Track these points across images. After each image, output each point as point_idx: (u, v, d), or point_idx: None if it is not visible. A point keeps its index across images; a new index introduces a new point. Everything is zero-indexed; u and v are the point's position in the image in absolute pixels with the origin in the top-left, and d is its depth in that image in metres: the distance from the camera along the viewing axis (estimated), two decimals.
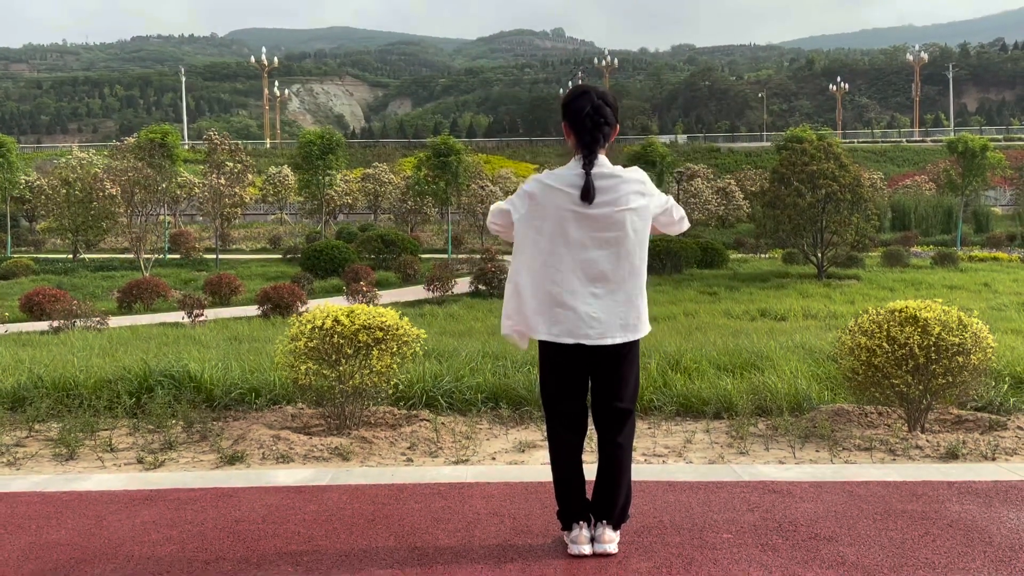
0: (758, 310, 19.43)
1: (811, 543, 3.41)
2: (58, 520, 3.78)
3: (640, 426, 5.76)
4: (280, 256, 34.24)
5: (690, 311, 19.50)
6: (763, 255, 35.05)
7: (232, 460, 4.80)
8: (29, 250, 38.40)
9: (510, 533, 3.57)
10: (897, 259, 28.95)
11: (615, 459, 3.33)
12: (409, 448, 5.08)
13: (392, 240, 30.50)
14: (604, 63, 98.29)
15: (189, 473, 4.61)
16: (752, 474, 4.46)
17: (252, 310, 19.51)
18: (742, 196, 44.83)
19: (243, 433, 5.24)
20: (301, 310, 19.24)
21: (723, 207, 43.20)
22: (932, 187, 49.66)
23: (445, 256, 33.87)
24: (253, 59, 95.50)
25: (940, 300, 5.57)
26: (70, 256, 33.80)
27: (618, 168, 3.23)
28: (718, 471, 4.55)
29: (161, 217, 38.91)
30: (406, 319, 5.57)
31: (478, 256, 30.84)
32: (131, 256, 31.99)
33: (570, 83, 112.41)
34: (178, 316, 18.05)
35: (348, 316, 5.38)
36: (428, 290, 22.50)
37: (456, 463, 4.82)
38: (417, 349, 5.58)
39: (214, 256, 33.02)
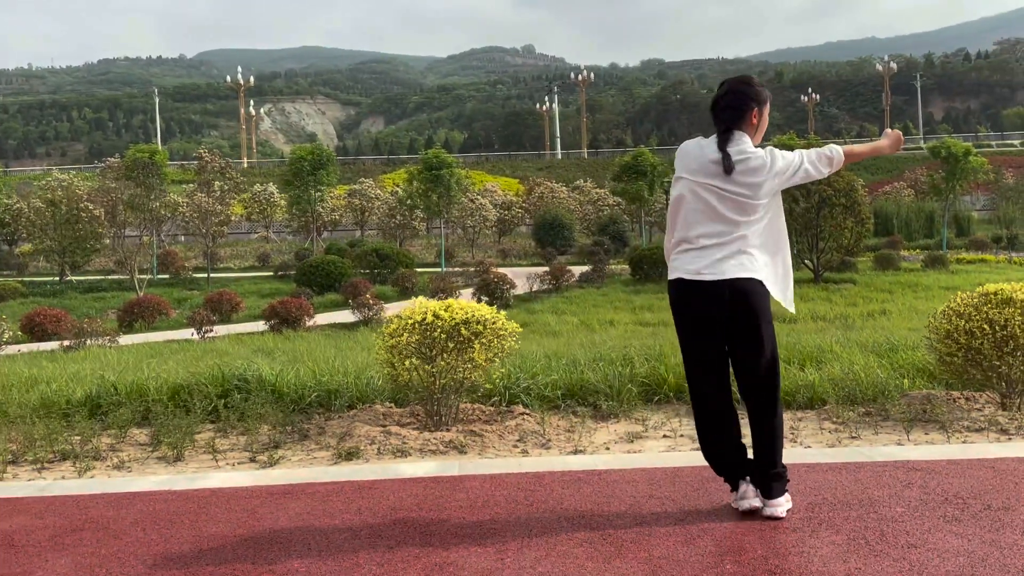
0: None
1: (990, 513, 3.40)
2: (208, 514, 3.67)
3: None
4: (271, 273, 33.91)
5: None
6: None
7: (349, 456, 4.71)
8: (12, 273, 37.70)
9: (678, 513, 3.52)
10: (889, 262, 29.29)
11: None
12: (519, 440, 5.02)
13: (387, 254, 30.33)
14: (580, 77, 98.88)
15: (310, 469, 4.51)
16: (882, 455, 4.45)
17: (258, 326, 19.31)
18: None
19: (346, 431, 5.14)
20: (309, 324, 19.09)
21: None
22: (911, 193, 50.42)
23: (438, 270, 33.74)
24: (228, 79, 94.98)
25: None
26: (57, 278, 33.23)
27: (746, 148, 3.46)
28: (845, 453, 4.54)
29: (146, 238, 38.46)
30: (502, 312, 5.52)
31: (472, 269, 30.76)
32: (119, 277, 31.52)
33: (546, 98, 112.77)
34: (185, 333, 17.79)
35: (446, 310, 5.33)
36: None
37: (574, 453, 4.76)
38: (513, 343, 5.53)
39: (204, 275, 32.63)
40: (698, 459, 4.46)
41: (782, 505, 3.43)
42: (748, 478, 3.48)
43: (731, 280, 3.36)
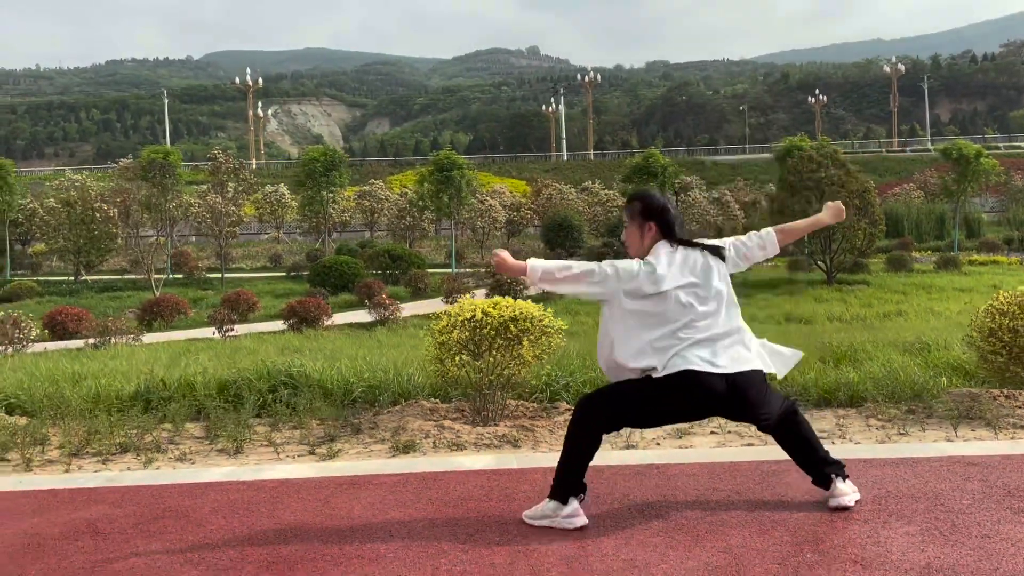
0: (783, 315, 19.60)
1: None
2: (283, 504, 3.75)
3: None
4: (284, 273, 34.05)
5: None
6: (767, 263, 35.33)
7: (406, 449, 4.79)
8: (27, 273, 37.90)
9: (745, 505, 3.59)
10: (901, 264, 29.32)
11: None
12: None
13: (399, 255, 30.45)
14: (587, 79, 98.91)
15: (371, 461, 4.59)
16: (935, 451, 4.51)
17: (276, 325, 19.42)
18: (737, 206, 45.28)
19: (399, 425, 5.22)
20: (327, 323, 19.20)
21: (720, 217, 43.66)
22: (920, 195, 50.37)
23: (449, 270, 33.81)
24: (237, 80, 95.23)
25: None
26: (71, 278, 33.40)
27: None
28: (899, 449, 4.60)
29: (161, 239, 38.65)
30: (549, 310, 5.59)
31: (483, 270, 30.82)
32: (134, 276, 31.68)
33: (551, 100, 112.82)
34: (205, 332, 17.94)
35: (495, 307, 5.40)
36: (447, 302, 22.47)
37: (626, 448, 4.83)
38: (559, 341, 5.60)
39: (217, 275, 32.77)
40: (753, 454, 4.54)
41: (849, 495, 3.50)
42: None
43: (734, 374, 3.33)
